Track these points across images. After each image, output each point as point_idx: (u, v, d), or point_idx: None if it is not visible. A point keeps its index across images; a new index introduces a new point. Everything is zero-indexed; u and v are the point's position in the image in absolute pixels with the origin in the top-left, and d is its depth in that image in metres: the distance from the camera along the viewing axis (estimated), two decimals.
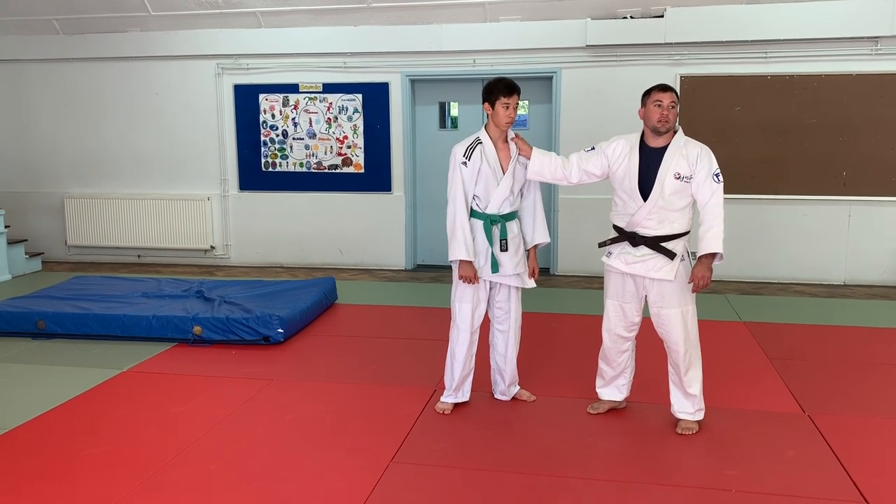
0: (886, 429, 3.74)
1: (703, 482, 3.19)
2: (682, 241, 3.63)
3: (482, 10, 7.19)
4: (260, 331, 5.10)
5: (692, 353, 3.67)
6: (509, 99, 3.72)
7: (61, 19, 7.95)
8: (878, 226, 7.07)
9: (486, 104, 3.78)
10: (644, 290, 3.68)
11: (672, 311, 3.61)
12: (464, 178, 3.75)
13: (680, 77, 7.11)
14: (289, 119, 7.93)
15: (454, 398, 3.98)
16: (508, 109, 3.74)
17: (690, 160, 3.54)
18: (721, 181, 3.55)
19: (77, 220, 8.42)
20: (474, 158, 3.76)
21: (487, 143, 3.80)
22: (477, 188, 3.78)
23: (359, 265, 8.06)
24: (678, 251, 3.59)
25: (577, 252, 7.27)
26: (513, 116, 3.76)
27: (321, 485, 3.18)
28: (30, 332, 5.33)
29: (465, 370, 3.95)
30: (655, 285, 3.62)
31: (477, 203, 3.80)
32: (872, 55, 6.82)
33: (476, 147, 3.78)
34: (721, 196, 3.54)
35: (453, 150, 3.81)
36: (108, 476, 3.26)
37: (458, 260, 3.76)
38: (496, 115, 3.76)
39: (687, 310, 3.64)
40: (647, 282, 3.64)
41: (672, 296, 3.60)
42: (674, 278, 3.58)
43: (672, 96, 3.54)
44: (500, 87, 3.73)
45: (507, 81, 3.75)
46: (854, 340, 5.26)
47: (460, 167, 3.76)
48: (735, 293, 6.81)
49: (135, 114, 8.25)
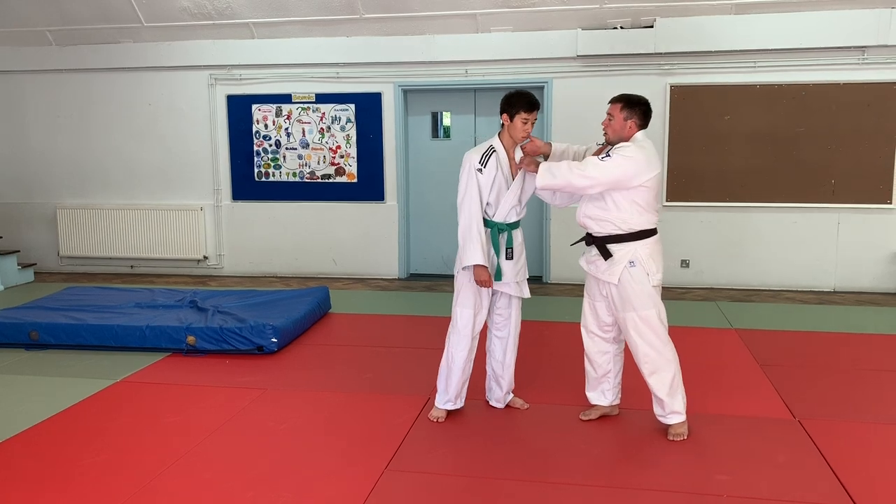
0: (877, 434, 3.77)
1: (694, 488, 3.22)
2: (629, 246, 3.60)
3: (474, 20, 7.25)
4: (254, 340, 5.10)
5: (653, 359, 3.65)
6: (529, 115, 3.75)
7: (54, 30, 7.97)
8: (866, 233, 7.13)
9: (505, 115, 3.80)
10: (605, 291, 3.73)
11: (625, 315, 3.66)
12: (480, 185, 3.77)
13: (670, 86, 7.17)
14: (282, 129, 7.95)
15: (452, 405, 3.99)
16: (527, 125, 3.77)
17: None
18: (609, 158, 3.50)
19: (70, 231, 8.42)
20: (490, 166, 3.77)
21: (501, 151, 3.83)
22: (490, 195, 3.80)
23: (352, 274, 8.08)
24: (619, 255, 3.60)
25: (570, 260, 7.29)
26: (529, 131, 3.80)
27: (316, 493, 3.19)
28: (23, 343, 5.33)
29: (464, 376, 3.96)
30: (609, 288, 3.68)
31: (487, 211, 3.83)
32: (859, 65, 6.90)
33: (491, 155, 3.80)
34: (596, 164, 3.50)
35: (467, 157, 3.81)
36: (103, 486, 3.26)
37: (470, 266, 3.76)
38: (514, 128, 3.78)
39: (642, 314, 3.62)
40: (600, 283, 3.71)
41: (621, 300, 3.64)
42: (616, 282, 3.61)
43: (613, 107, 3.65)
44: (523, 102, 3.74)
45: (531, 98, 3.77)
46: (844, 347, 5.30)
47: (476, 174, 3.77)
48: (726, 300, 6.85)
49: (128, 124, 8.26)
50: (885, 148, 6.95)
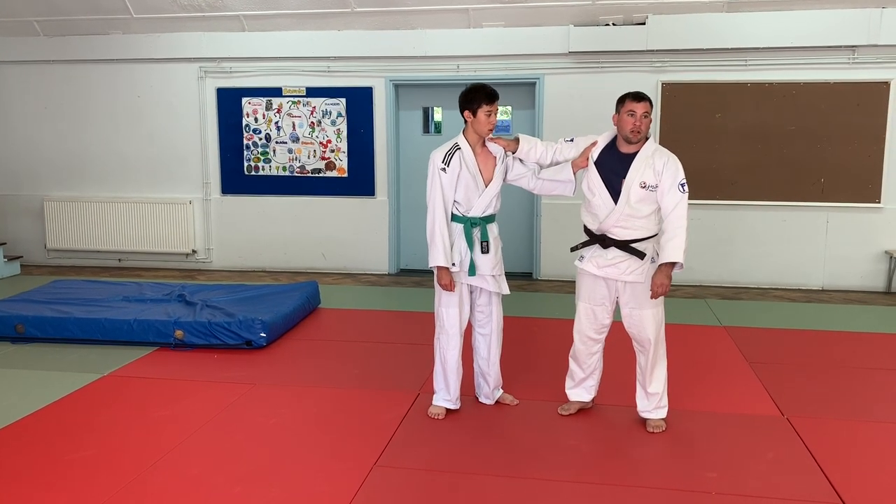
0: (864, 431, 3.79)
1: (683, 484, 3.22)
2: (651, 243, 3.69)
3: (465, 15, 7.23)
4: (242, 335, 5.08)
5: (659, 352, 3.77)
6: (491, 106, 3.74)
7: (42, 21, 7.89)
8: (855, 232, 7.17)
9: (467, 112, 3.77)
10: (616, 293, 3.76)
11: (645, 312, 3.70)
12: (443, 185, 3.75)
13: (661, 84, 7.18)
14: (272, 123, 7.91)
15: (453, 404, 3.98)
16: (491, 116, 3.75)
17: (657, 169, 3.60)
18: (686, 191, 3.59)
19: (57, 224, 8.35)
20: (453, 164, 3.76)
21: (466, 148, 3.80)
22: (457, 194, 3.78)
23: (342, 269, 8.05)
24: (648, 252, 3.66)
25: (560, 257, 7.30)
26: (494, 122, 3.78)
27: (304, 489, 3.18)
28: (9, 337, 5.28)
29: (459, 374, 3.96)
30: (628, 287, 3.70)
31: (457, 208, 3.81)
32: (850, 64, 6.93)
33: (455, 153, 3.78)
34: (685, 206, 3.58)
35: (431, 157, 3.81)
36: (89, 481, 3.23)
37: (436, 266, 3.78)
38: (478, 122, 3.75)
39: (658, 310, 3.73)
40: (619, 284, 3.72)
41: (645, 297, 3.68)
42: (644, 280, 3.66)
43: (646, 106, 3.59)
44: (482, 95, 3.73)
45: (488, 89, 3.76)
46: (832, 344, 5.33)
47: (439, 173, 3.75)
48: (715, 298, 6.88)
49: (116, 116, 8.19)
50: (874, 147, 6.99)
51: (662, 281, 3.58)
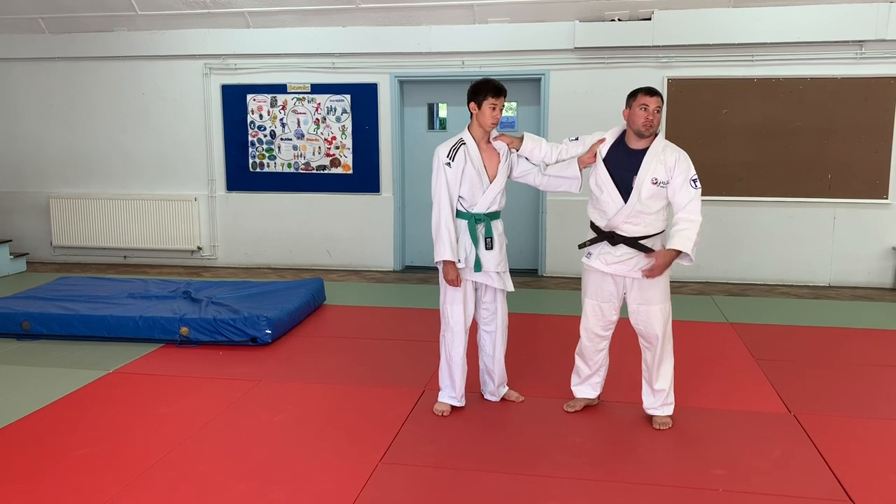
0: (872, 429, 3.77)
1: (690, 482, 3.21)
2: (659, 239, 3.69)
3: (471, 11, 7.20)
4: (247, 332, 5.08)
5: (666, 349, 3.76)
6: (497, 100, 3.73)
7: (47, 18, 7.89)
8: (862, 228, 7.14)
9: (473, 104, 3.78)
10: (624, 290, 3.75)
11: (653, 308, 3.69)
12: (448, 180, 3.75)
13: (667, 79, 7.15)
14: (277, 119, 7.91)
15: (458, 401, 3.97)
16: (495, 110, 3.74)
17: (668, 165, 3.58)
18: (698, 187, 3.58)
19: (63, 221, 8.36)
20: (458, 159, 3.75)
21: (471, 143, 3.80)
22: (462, 189, 3.78)
23: (347, 266, 8.05)
24: (656, 249, 3.66)
25: (565, 253, 7.29)
26: (498, 117, 3.77)
27: (309, 486, 3.17)
28: (14, 333, 5.29)
29: (465, 371, 3.96)
30: (637, 284, 3.69)
31: (462, 203, 3.80)
32: (857, 59, 6.88)
33: (460, 148, 3.77)
34: (698, 202, 3.56)
35: (436, 152, 3.80)
36: (95, 477, 3.23)
37: (442, 261, 3.77)
38: (482, 115, 3.76)
39: (665, 306, 3.72)
40: (627, 281, 3.71)
41: (653, 293, 3.67)
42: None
43: (658, 101, 3.59)
44: (489, 87, 3.74)
45: (495, 83, 3.76)
46: (839, 341, 5.30)
47: (444, 168, 3.75)
48: (722, 294, 6.85)
49: (121, 114, 8.20)
50: (882, 143, 6.95)
51: (663, 262, 3.56)
